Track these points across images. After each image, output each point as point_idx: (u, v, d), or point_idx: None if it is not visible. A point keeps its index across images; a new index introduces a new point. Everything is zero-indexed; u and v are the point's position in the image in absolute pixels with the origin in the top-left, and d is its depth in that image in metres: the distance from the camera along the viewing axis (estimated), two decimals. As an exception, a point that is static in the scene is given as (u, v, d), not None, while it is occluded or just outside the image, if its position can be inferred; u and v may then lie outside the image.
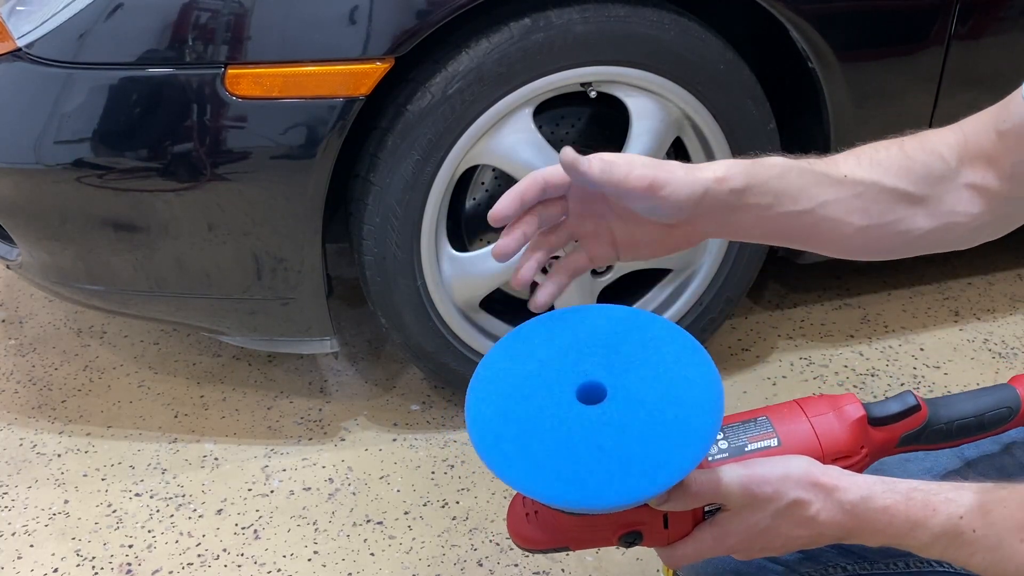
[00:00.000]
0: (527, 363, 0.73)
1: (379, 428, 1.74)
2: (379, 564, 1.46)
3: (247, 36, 1.35)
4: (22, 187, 1.46)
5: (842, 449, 0.76)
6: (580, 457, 0.66)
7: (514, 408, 0.69)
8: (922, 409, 0.78)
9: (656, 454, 0.65)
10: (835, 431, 0.76)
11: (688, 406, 0.67)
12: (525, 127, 1.51)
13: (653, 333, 0.73)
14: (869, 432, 0.77)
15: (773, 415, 0.77)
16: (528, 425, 0.68)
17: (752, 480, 0.69)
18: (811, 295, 2.11)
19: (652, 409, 0.67)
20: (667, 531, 0.73)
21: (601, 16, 1.45)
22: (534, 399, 0.70)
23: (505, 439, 0.68)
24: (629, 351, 0.72)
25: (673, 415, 0.67)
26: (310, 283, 1.51)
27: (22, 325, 2.04)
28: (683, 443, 0.66)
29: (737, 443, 0.75)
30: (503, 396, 0.71)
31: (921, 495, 0.68)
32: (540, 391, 0.70)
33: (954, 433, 0.79)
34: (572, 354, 0.72)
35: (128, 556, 1.47)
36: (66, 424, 1.75)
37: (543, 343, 0.74)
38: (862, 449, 0.77)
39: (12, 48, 1.40)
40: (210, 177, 1.40)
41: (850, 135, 1.63)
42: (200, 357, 1.93)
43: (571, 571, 1.44)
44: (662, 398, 0.68)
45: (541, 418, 0.68)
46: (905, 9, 1.56)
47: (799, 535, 0.70)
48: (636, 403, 0.68)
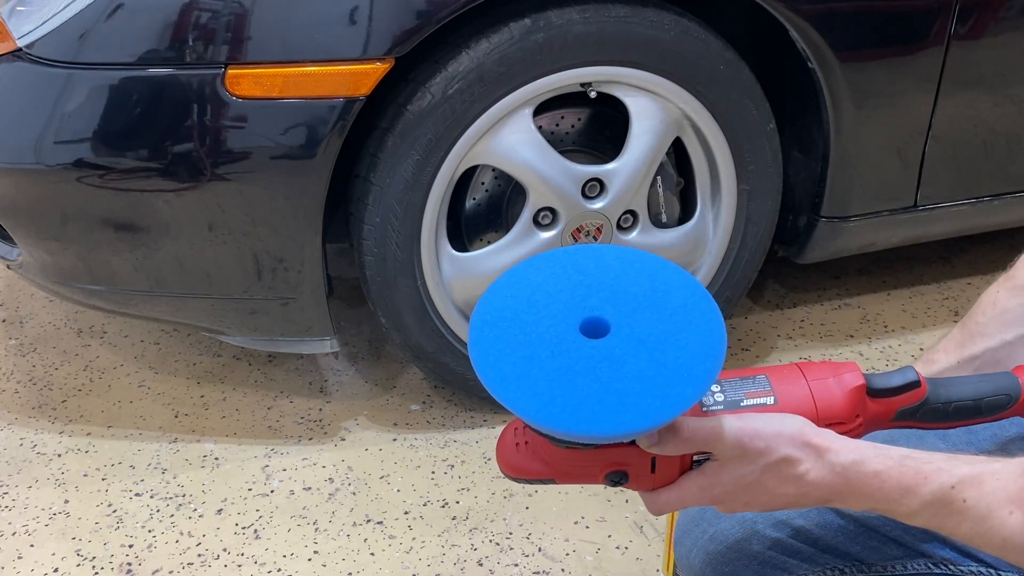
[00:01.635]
0: (535, 293, 0.73)
1: (379, 428, 1.74)
2: (379, 564, 1.46)
3: (247, 36, 1.35)
4: (22, 187, 1.46)
5: (837, 415, 0.76)
6: (577, 385, 0.66)
7: (517, 335, 0.70)
8: (922, 386, 0.78)
9: (652, 390, 0.66)
10: (832, 396, 0.76)
11: (689, 348, 0.68)
12: (525, 127, 1.51)
13: (664, 278, 0.73)
14: (866, 402, 0.77)
15: (772, 374, 0.77)
16: (529, 351, 0.69)
17: (745, 432, 0.70)
18: (811, 295, 2.11)
19: (653, 347, 0.68)
20: (653, 475, 0.74)
21: (601, 16, 1.45)
22: (537, 328, 0.70)
23: (505, 362, 0.68)
24: (638, 292, 0.72)
25: (674, 355, 0.68)
26: (310, 283, 1.51)
27: (22, 325, 2.04)
28: (680, 382, 0.66)
29: (734, 397, 0.75)
30: (507, 323, 0.71)
31: (913, 463, 0.69)
32: (544, 321, 0.71)
33: (951, 414, 0.79)
34: (580, 289, 0.73)
35: (128, 556, 1.47)
36: (66, 424, 1.75)
37: (552, 276, 0.74)
38: (857, 418, 0.77)
39: (12, 48, 1.40)
40: (210, 177, 1.40)
41: (850, 135, 1.64)
42: (200, 357, 1.93)
43: (571, 571, 1.44)
44: (664, 338, 0.69)
45: (543, 346, 0.69)
46: (905, 9, 1.56)
47: (785, 492, 0.71)
48: (638, 340, 0.69)
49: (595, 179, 1.58)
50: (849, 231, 1.76)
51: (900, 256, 2.23)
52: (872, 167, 1.69)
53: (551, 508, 1.55)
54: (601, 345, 0.69)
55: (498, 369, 0.68)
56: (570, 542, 1.49)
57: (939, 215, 1.81)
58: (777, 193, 1.71)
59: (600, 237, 1.61)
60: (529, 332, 0.70)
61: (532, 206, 1.56)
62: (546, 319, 0.71)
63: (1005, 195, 1.83)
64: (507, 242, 1.59)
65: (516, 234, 1.58)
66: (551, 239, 1.59)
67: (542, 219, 1.58)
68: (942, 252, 2.24)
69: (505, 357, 0.69)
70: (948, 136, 1.70)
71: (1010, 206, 1.86)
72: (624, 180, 1.58)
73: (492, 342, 0.70)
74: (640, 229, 1.65)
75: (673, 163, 1.68)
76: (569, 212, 1.58)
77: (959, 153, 1.74)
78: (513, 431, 0.78)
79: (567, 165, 1.55)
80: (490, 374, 0.68)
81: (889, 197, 1.75)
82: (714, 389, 0.76)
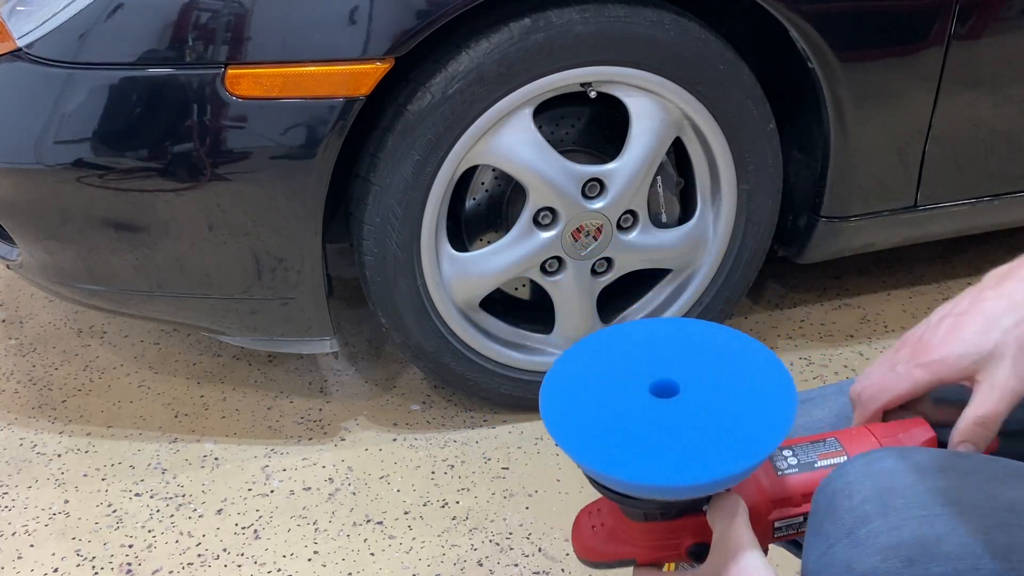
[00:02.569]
0: (603, 361, 0.75)
1: (379, 428, 1.74)
2: (379, 564, 1.46)
3: (247, 36, 1.35)
4: (22, 187, 1.46)
5: None
6: (644, 439, 0.68)
7: (588, 398, 0.72)
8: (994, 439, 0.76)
9: (719, 445, 0.67)
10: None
11: (758, 409, 0.69)
12: (525, 127, 1.51)
13: (727, 342, 0.76)
14: None
15: (841, 436, 0.77)
16: (600, 411, 0.71)
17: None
18: (811, 295, 2.11)
19: (723, 404, 0.69)
20: None
21: (601, 16, 1.45)
22: (608, 390, 0.72)
23: (576, 422, 0.70)
24: (703, 356, 0.74)
25: (742, 414, 0.69)
26: (310, 283, 1.51)
27: (22, 325, 2.04)
28: (747, 438, 0.67)
29: (806, 459, 0.76)
30: (577, 388, 0.73)
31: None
32: (614, 384, 0.72)
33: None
34: (647, 355, 0.75)
35: (128, 556, 1.47)
36: (66, 424, 1.75)
37: (619, 345, 0.77)
38: None
39: (12, 48, 1.40)
40: (210, 177, 1.40)
41: (850, 135, 1.64)
42: (200, 357, 1.93)
43: (571, 571, 1.44)
44: (733, 396, 0.70)
45: (614, 406, 0.71)
46: (905, 9, 1.56)
47: None
48: (708, 399, 0.70)
49: (595, 179, 1.58)
50: (849, 231, 1.76)
51: (900, 256, 2.23)
52: (872, 167, 1.69)
53: (551, 508, 1.55)
54: (672, 403, 0.70)
55: (572, 431, 0.70)
56: (570, 542, 1.48)
57: (939, 215, 1.81)
58: (777, 193, 1.71)
59: (600, 237, 1.61)
60: (600, 396, 0.72)
61: (532, 206, 1.56)
62: (616, 384, 0.73)
63: (1005, 195, 1.83)
64: (507, 242, 1.59)
65: (516, 234, 1.58)
66: (551, 239, 1.59)
67: (542, 219, 1.58)
68: (942, 252, 2.24)
69: (578, 420, 0.70)
70: (948, 136, 1.70)
71: (1010, 206, 1.86)
72: (624, 180, 1.58)
73: (564, 407, 0.72)
74: (640, 229, 1.65)
75: (673, 163, 1.68)
76: (569, 212, 1.58)
77: (959, 153, 1.74)
78: (588, 515, 0.79)
79: (567, 165, 1.55)
80: (565, 436, 0.69)
81: (889, 197, 1.75)
82: (786, 454, 0.76)
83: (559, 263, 1.64)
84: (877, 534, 0.64)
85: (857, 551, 0.64)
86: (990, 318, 0.74)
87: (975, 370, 0.73)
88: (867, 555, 0.63)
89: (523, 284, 1.74)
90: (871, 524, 0.64)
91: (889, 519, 0.64)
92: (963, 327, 0.75)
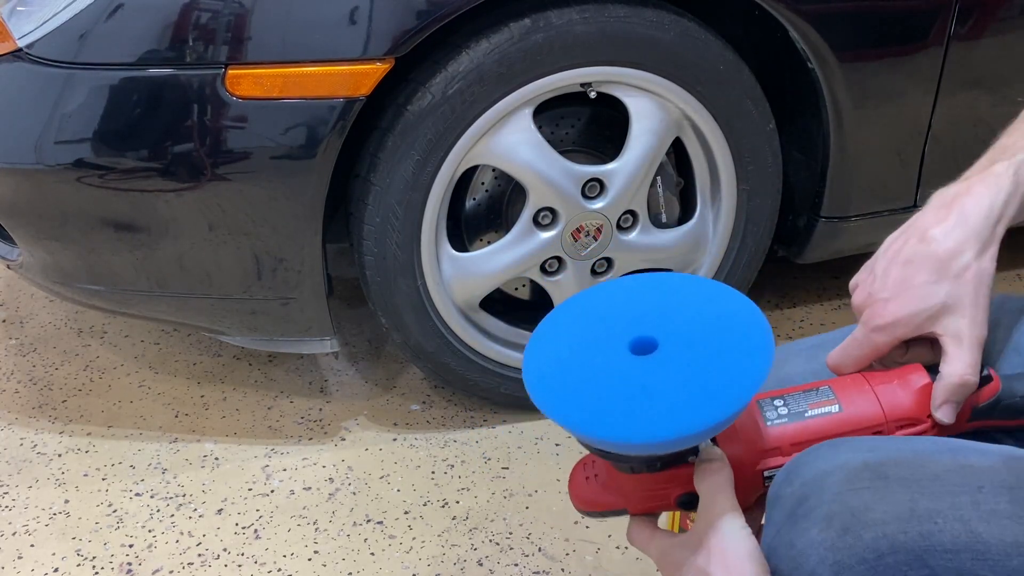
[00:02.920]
0: (584, 322, 0.76)
1: (379, 428, 1.74)
2: (379, 564, 1.46)
3: (247, 36, 1.35)
4: (23, 187, 1.46)
5: (906, 415, 0.76)
6: (626, 397, 0.68)
7: (568, 358, 0.73)
8: (994, 380, 0.77)
9: (695, 396, 0.67)
10: (898, 397, 0.76)
11: (734, 357, 0.69)
12: (525, 127, 1.51)
13: (708, 295, 0.75)
14: None
15: (835, 384, 0.78)
16: (580, 371, 0.71)
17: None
18: (811, 295, 2.11)
19: (699, 359, 0.70)
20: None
21: (601, 16, 1.45)
22: (587, 351, 0.73)
23: (556, 384, 0.71)
24: (683, 311, 0.74)
25: (719, 365, 0.69)
26: (310, 283, 1.51)
27: (23, 325, 2.04)
28: (722, 387, 0.67)
29: (797, 409, 0.76)
30: (558, 348, 0.74)
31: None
32: (594, 344, 0.73)
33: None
34: (628, 314, 0.75)
35: (128, 556, 1.48)
36: (66, 424, 1.75)
37: (601, 305, 0.77)
38: (928, 418, 0.76)
39: (12, 48, 1.40)
40: (210, 177, 1.40)
41: (850, 135, 1.64)
42: (200, 357, 1.93)
43: (571, 571, 1.44)
44: (710, 350, 0.70)
45: (593, 366, 0.71)
46: (905, 9, 1.57)
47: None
48: (685, 354, 0.70)
49: (595, 179, 1.58)
50: (849, 231, 1.76)
51: (900, 256, 2.23)
52: (872, 167, 1.69)
53: (551, 508, 1.55)
54: (649, 360, 0.71)
55: (550, 392, 0.70)
56: (570, 542, 1.49)
57: (939, 215, 1.80)
58: (777, 193, 1.71)
59: (600, 237, 1.61)
60: (580, 355, 0.72)
61: (532, 206, 1.56)
62: (596, 342, 0.73)
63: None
64: (507, 242, 1.59)
65: (516, 234, 1.58)
66: (551, 239, 1.59)
67: (542, 219, 1.58)
68: (942, 252, 2.24)
69: (556, 380, 0.71)
70: (948, 136, 1.70)
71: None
72: (624, 180, 1.58)
73: (543, 368, 0.72)
74: (640, 229, 1.65)
75: (673, 163, 1.68)
76: (569, 212, 1.58)
77: (959, 153, 1.74)
78: (583, 466, 0.80)
79: (567, 165, 1.55)
80: (543, 398, 0.70)
81: (889, 197, 1.75)
82: (777, 404, 0.76)
83: (559, 263, 1.64)
84: (813, 509, 0.67)
85: (798, 528, 0.68)
86: (937, 264, 0.76)
87: (933, 325, 0.75)
88: (806, 529, 0.67)
89: (523, 284, 1.74)
90: (808, 502, 0.68)
91: (824, 495, 0.68)
92: (910, 280, 0.76)
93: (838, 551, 0.65)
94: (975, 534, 0.64)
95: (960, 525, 0.64)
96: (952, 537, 0.64)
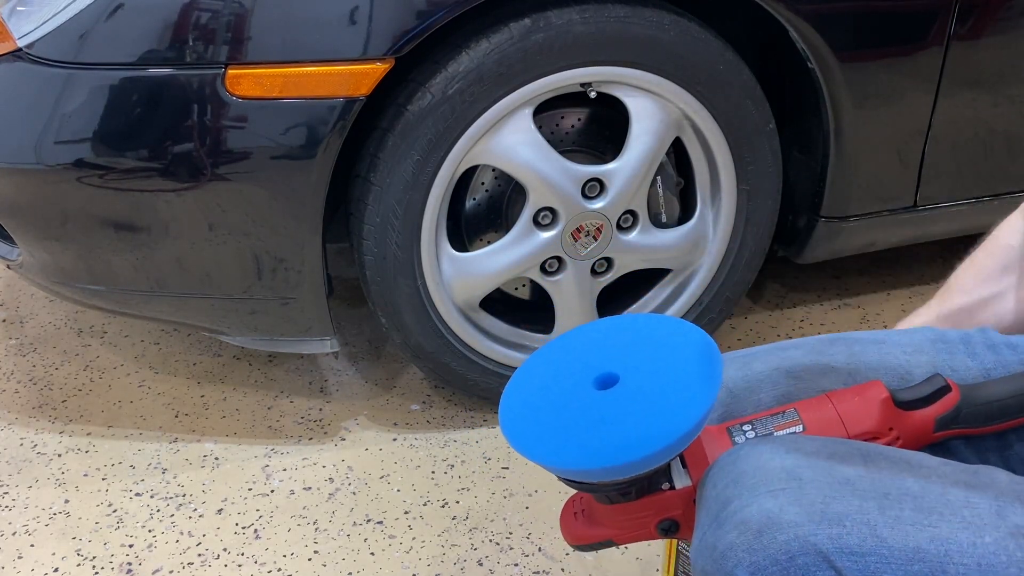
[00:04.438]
0: (556, 362, 0.81)
1: (379, 428, 1.74)
2: (379, 564, 1.46)
3: (247, 36, 1.35)
4: (23, 187, 1.46)
5: (868, 429, 0.78)
6: (586, 428, 0.73)
7: (538, 398, 0.78)
8: (952, 391, 0.79)
9: (650, 422, 0.71)
10: (858, 413, 0.79)
11: (684, 383, 0.74)
12: (525, 127, 1.51)
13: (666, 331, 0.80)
14: (899, 415, 0.79)
15: (800, 406, 0.81)
16: (548, 409, 0.76)
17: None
18: (811, 295, 2.11)
19: (655, 388, 0.74)
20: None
21: (601, 16, 1.45)
22: (556, 390, 0.78)
23: (526, 422, 0.76)
24: (643, 347, 0.79)
25: (670, 391, 0.74)
26: (310, 283, 1.51)
27: (23, 325, 2.04)
28: (673, 411, 0.72)
29: (764, 431, 0.79)
30: (530, 390, 0.79)
31: None
32: (562, 383, 0.78)
33: (995, 415, 0.79)
34: (595, 353, 0.80)
35: (128, 556, 1.48)
36: (66, 424, 1.75)
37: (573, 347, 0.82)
38: (891, 431, 0.79)
39: (13, 48, 1.40)
40: (211, 177, 1.40)
41: (850, 135, 1.64)
42: (200, 357, 1.93)
43: (571, 571, 1.44)
44: (664, 379, 0.75)
45: (559, 403, 0.76)
46: (905, 9, 1.57)
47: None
48: (643, 385, 0.75)
49: (595, 179, 1.58)
50: (849, 231, 1.76)
51: (900, 256, 2.23)
52: (872, 167, 1.69)
53: (551, 508, 1.55)
54: (609, 394, 0.75)
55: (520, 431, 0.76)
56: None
57: (939, 215, 1.81)
58: (777, 193, 1.71)
59: (600, 237, 1.61)
60: (548, 392, 0.78)
61: (532, 206, 1.56)
62: (564, 379, 0.79)
63: (1005, 195, 1.83)
64: (507, 242, 1.59)
65: (516, 234, 1.58)
66: (551, 239, 1.59)
67: (542, 219, 1.58)
68: (942, 252, 2.24)
69: (525, 415, 0.77)
70: (948, 136, 1.70)
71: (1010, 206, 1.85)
72: (624, 180, 1.58)
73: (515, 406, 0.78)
74: (640, 229, 1.65)
75: (673, 163, 1.68)
76: (569, 212, 1.58)
77: (959, 153, 1.74)
78: (572, 503, 0.85)
79: (567, 165, 1.55)
80: (512, 431, 0.76)
81: (889, 197, 1.75)
82: (745, 428, 0.80)
83: (559, 263, 1.64)
84: (733, 513, 0.70)
85: (719, 531, 0.71)
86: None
87: None
88: (726, 533, 0.70)
89: (523, 284, 1.74)
90: (729, 505, 0.71)
91: (743, 498, 0.71)
92: None
93: (754, 552, 0.68)
94: (880, 538, 0.67)
95: (867, 529, 0.67)
96: (859, 540, 0.67)
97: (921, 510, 0.68)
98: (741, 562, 0.68)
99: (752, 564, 0.68)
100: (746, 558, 0.68)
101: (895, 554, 0.66)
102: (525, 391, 0.79)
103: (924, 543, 0.66)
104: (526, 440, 0.74)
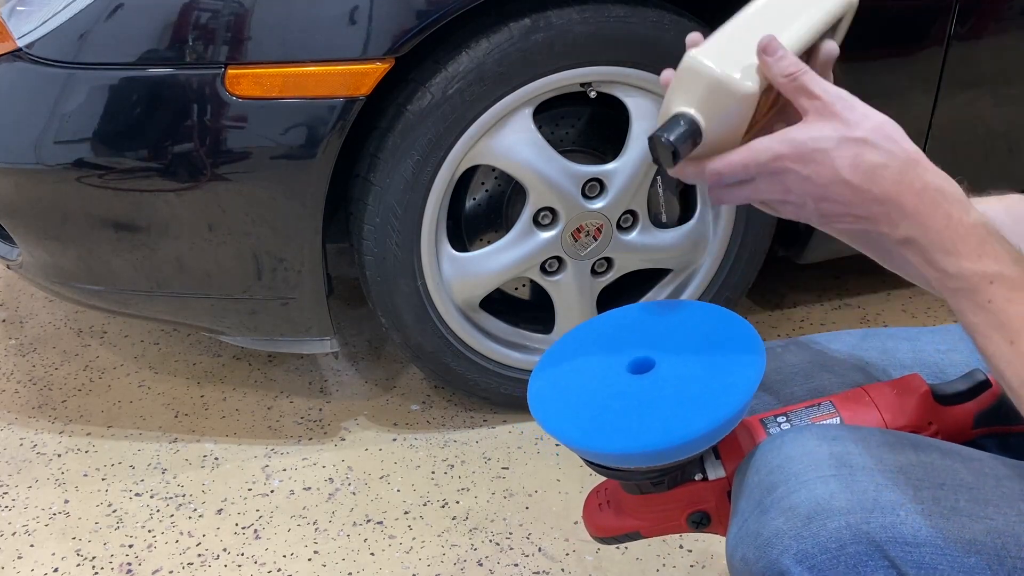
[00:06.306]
0: (587, 346, 0.79)
1: (379, 428, 1.74)
2: (379, 564, 1.46)
3: (247, 36, 1.35)
4: (22, 187, 1.46)
5: (907, 423, 0.77)
6: (622, 412, 0.71)
7: (570, 381, 0.76)
8: (992, 386, 0.77)
9: (689, 406, 0.69)
10: (896, 407, 0.77)
11: (724, 369, 0.72)
12: (525, 127, 1.51)
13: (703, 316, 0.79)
14: (938, 410, 0.77)
15: (836, 398, 0.79)
16: (580, 392, 0.75)
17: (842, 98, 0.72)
18: (811, 295, 2.11)
19: (692, 373, 0.72)
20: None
21: (601, 16, 1.45)
22: (588, 373, 0.76)
23: (558, 404, 0.74)
24: (680, 332, 0.77)
25: (710, 376, 0.71)
26: (310, 283, 1.51)
27: (22, 325, 2.04)
28: (714, 397, 0.70)
29: (800, 423, 0.77)
30: (561, 372, 0.77)
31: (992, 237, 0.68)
32: (595, 366, 0.77)
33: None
34: (629, 337, 0.78)
35: (128, 556, 1.48)
36: (66, 424, 1.75)
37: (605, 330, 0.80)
38: (930, 425, 0.77)
39: (12, 48, 1.41)
40: (210, 177, 1.40)
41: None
42: (200, 357, 1.93)
43: (571, 571, 1.44)
44: (702, 365, 0.73)
45: (593, 386, 0.75)
46: (905, 9, 1.56)
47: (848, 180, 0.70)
48: (679, 370, 0.73)
49: (595, 179, 1.58)
50: (849, 231, 1.76)
51: (900, 256, 2.23)
52: (872, 167, 1.69)
53: (551, 508, 1.55)
54: (645, 379, 0.74)
55: (549, 407, 0.74)
56: (570, 542, 1.49)
57: (939, 215, 1.80)
58: (777, 193, 1.70)
59: (600, 237, 1.61)
60: (580, 375, 0.76)
61: (532, 206, 1.56)
62: (597, 363, 0.76)
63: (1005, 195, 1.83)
64: (507, 242, 1.59)
65: (516, 234, 1.58)
66: (551, 239, 1.59)
67: (542, 219, 1.58)
68: (942, 252, 2.24)
69: (557, 397, 0.75)
70: (948, 136, 1.70)
71: (1010, 206, 1.86)
72: (624, 180, 1.58)
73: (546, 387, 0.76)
74: (640, 229, 1.65)
75: (673, 163, 1.68)
76: (569, 212, 1.58)
77: (959, 153, 1.74)
78: (596, 494, 0.83)
79: (567, 165, 1.55)
80: (542, 412, 0.74)
81: (889, 197, 1.75)
82: (780, 420, 0.78)
83: (559, 263, 1.64)
84: (780, 499, 0.68)
85: (764, 517, 0.68)
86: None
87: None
88: (772, 519, 0.67)
89: (523, 284, 1.74)
90: (775, 491, 0.68)
91: (789, 483, 0.68)
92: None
93: (803, 540, 0.65)
94: (936, 529, 0.65)
95: (922, 519, 0.65)
96: (913, 530, 0.65)
97: (977, 501, 0.66)
98: (788, 549, 0.65)
99: (800, 551, 0.65)
100: (793, 545, 0.65)
101: (951, 546, 0.64)
102: (555, 374, 0.77)
103: (980, 535, 0.64)
104: (558, 422, 0.72)
